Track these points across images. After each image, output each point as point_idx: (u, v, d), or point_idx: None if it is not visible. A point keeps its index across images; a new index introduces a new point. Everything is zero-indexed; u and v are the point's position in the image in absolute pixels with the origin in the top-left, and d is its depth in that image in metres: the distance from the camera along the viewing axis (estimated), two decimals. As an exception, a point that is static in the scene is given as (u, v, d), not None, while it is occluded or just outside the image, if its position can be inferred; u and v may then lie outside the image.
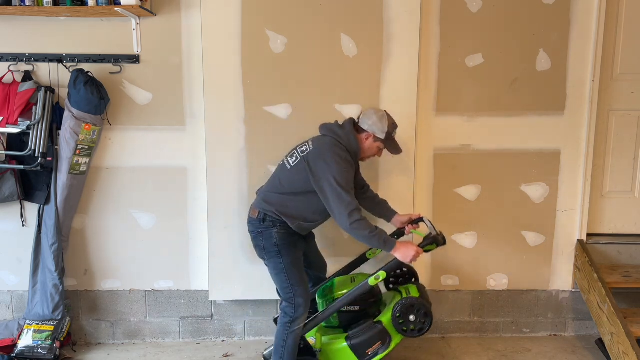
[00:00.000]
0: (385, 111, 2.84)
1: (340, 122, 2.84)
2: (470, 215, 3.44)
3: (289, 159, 2.82)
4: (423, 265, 3.46)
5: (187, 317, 3.50)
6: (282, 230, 2.75)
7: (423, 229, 3.02)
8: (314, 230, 2.97)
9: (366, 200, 3.03)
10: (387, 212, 3.07)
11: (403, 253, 2.69)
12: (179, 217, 3.39)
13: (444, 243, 2.79)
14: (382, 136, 2.79)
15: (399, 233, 3.05)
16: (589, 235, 3.47)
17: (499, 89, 3.32)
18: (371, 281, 2.77)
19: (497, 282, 3.51)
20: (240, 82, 3.20)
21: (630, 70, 3.38)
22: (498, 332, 3.58)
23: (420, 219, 3.02)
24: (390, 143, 2.83)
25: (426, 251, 2.77)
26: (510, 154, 3.38)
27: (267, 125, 3.23)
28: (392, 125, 2.82)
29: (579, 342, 3.50)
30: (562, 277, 3.50)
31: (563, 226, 3.45)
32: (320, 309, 2.93)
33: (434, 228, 2.83)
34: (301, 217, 2.76)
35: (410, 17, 3.16)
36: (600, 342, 3.32)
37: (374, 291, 2.90)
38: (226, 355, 3.32)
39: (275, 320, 3.13)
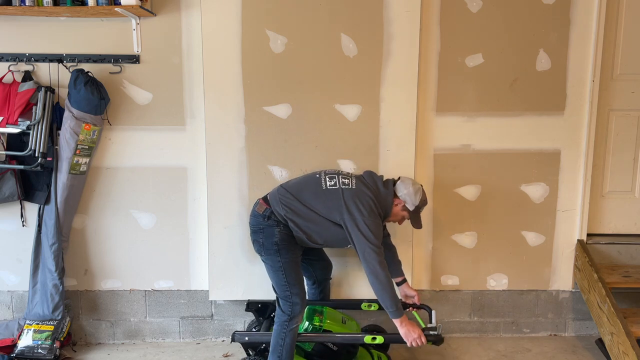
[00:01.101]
0: (421, 185, 2.89)
1: (384, 178, 2.90)
2: (470, 215, 3.44)
3: (327, 178, 2.80)
4: (423, 265, 3.46)
5: (187, 317, 3.50)
6: (284, 231, 2.76)
7: (421, 314, 3.10)
8: None
9: (383, 246, 3.00)
10: (397, 273, 3.07)
11: (407, 330, 2.70)
12: (179, 217, 3.39)
13: (439, 345, 2.84)
14: (411, 208, 2.83)
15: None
16: (589, 235, 3.47)
17: (499, 89, 3.32)
18: (367, 339, 2.80)
19: (497, 282, 3.51)
20: (240, 82, 3.20)
21: (630, 70, 3.38)
22: (498, 332, 3.58)
23: (427, 308, 3.06)
24: (415, 217, 2.87)
25: None
26: (510, 154, 3.38)
27: (267, 125, 3.23)
28: (423, 202, 2.86)
29: (579, 342, 3.50)
30: (562, 277, 3.50)
31: (563, 226, 3.45)
32: (301, 326, 2.92)
33: (439, 327, 2.86)
34: (306, 233, 2.77)
35: (410, 17, 3.16)
36: (600, 342, 3.32)
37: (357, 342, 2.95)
38: (226, 355, 3.32)
39: (248, 305, 3.18)
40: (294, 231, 2.76)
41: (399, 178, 2.91)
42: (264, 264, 2.83)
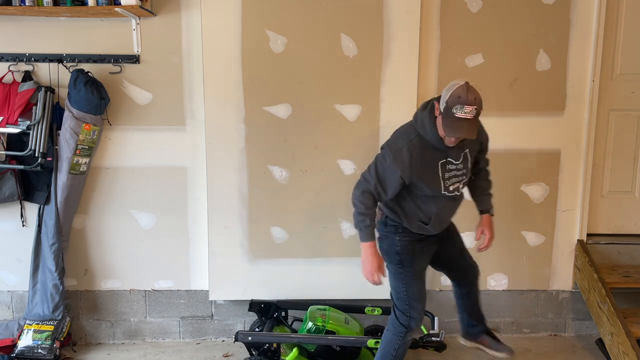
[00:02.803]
0: (467, 82, 2.27)
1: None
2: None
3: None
4: (423, 265, 3.46)
5: (187, 317, 3.50)
6: (405, 238, 2.56)
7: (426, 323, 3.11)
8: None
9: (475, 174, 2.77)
10: (481, 202, 2.84)
11: (364, 257, 2.49)
12: (179, 217, 3.39)
13: (441, 351, 2.87)
14: (441, 107, 2.27)
15: None
16: (589, 235, 3.47)
17: (499, 89, 3.32)
18: (370, 343, 2.79)
19: (497, 282, 3.51)
20: (240, 82, 3.20)
21: (630, 70, 3.38)
22: (498, 332, 3.58)
23: (429, 315, 3.08)
24: (446, 120, 2.25)
25: (423, 347, 2.86)
26: (510, 154, 3.38)
27: (267, 125, 3.23)
28: (458, 99, 2.19)
29: (579, 342, 3.50)
30: (562, 277, 3.50)
31: (563, 226, 3.44)
32: (304, 326, 2.92)
33: (442, 333, 2.89)
34: (415, 215, 2.53)
35: (410, 17, 3.16)
36: (600, 342, 3.32)
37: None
38: (226, 355, 3.32)
39: (251, 305, 3.17)
40: (409, 225, 2.53)
41: None
42: (387, 269, 2.62)
